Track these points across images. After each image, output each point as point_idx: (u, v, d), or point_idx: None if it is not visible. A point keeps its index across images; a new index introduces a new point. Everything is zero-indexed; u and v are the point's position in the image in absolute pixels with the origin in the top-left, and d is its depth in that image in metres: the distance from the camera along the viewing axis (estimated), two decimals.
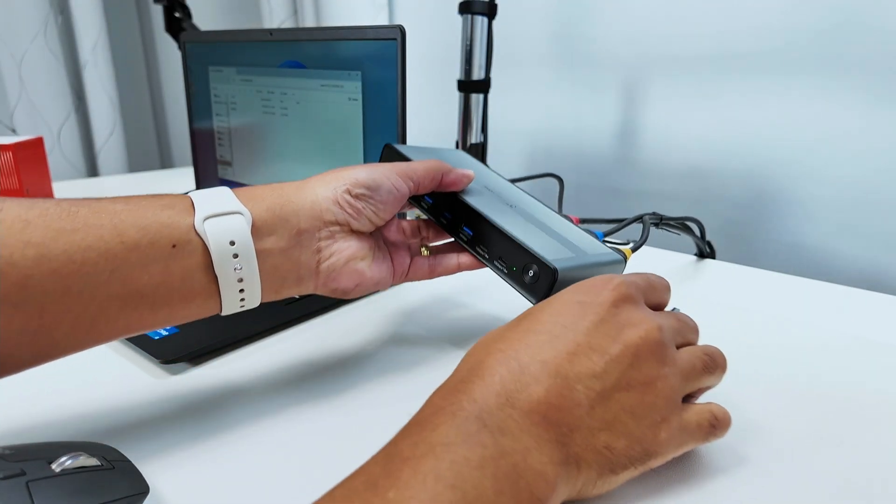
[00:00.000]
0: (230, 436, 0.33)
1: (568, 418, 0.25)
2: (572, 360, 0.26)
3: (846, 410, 0.36)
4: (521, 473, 0.23)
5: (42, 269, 0.26)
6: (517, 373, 0.26)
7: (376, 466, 0.22)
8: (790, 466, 0.31)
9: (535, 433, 0.24)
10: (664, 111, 0.77)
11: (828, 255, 0.68)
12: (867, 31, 0.61)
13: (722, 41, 0.70)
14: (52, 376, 0.39)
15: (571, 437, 0.25)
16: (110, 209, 0.28)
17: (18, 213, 0.26)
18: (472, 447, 0.22)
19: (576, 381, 0.26)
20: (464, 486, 0.21)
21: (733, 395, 0.37)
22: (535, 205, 0.43)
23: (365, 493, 0.21)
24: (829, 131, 0.65)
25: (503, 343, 0.27)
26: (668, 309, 0.34)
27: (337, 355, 0.42)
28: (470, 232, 0.38)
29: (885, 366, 0.41)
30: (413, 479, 0.21)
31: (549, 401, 0.25)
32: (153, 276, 0.29)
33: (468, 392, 0.25)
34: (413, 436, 0.23)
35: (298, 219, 0.33)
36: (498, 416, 0.24)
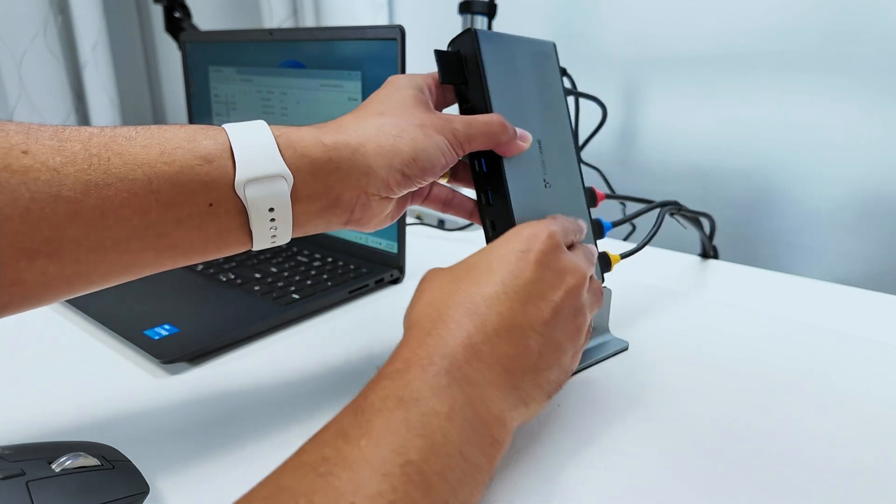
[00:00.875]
0: (230, 436, 0.33)
1: (522, 364, 0.28)
2: (525, 310, 0.29)
3: (847, 410, 0.36)
4: (483, 420, 0.25)
5: (75, 225, 0.25)
6: (479, 325, 0.28)
7: (346, 418, 0.24)
8: (791, 466, 0.31)
9: (496, 382, 0.27)
10: (664, 111, 0.77)
11: (828, 255, 0.68)
12: (867, 31, 0.61)
13: (722, 41, 0.70)
14: (53, 376, 0.39)
15: (523, 380, 0.28)
16: (143, 159, 0.26)
17: (45, 159, 0.24)
18: (441, 400, 0.24)
19: (529, 329, 0.29)
20: (433, 435, 0.23)
21: (734, 395, 0.37)
22: (572, 184, 0.40)
23: (335, 442, 0.22)
24: (829, 131, 0.65)
25: (460, 295, 0.29)
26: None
27: (337, 355, 0.42)
28: (490, 201, 0.36)
29: (885, 365, 0.41)
30: (384, 429, 0.22)
31: (508, 353, 0.28)
32: (188, 231, 0.28)
33: (436, 346, 0.26)
34: (384, 390, 0.24)
35: (342, 187, 0.31)
36: (465, 369, 0.26)
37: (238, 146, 0.28)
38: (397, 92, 0.34)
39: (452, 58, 0.36)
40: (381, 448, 0.22)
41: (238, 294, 0.51)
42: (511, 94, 0.36)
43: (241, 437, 0.33)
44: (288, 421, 0.35)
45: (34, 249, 0.24)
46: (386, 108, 0.33)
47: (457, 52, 0.36)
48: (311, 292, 0.50)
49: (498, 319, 0.28)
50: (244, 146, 0.28)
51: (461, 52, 0.36)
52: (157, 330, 0.43)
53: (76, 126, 0.26)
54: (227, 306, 0.48)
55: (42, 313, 0.49)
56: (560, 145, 0.39)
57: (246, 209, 0.28)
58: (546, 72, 0.39)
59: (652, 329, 0.46)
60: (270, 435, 0.33)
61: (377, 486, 0.21)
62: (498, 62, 0.36)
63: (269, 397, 0.37)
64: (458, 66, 0.36)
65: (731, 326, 0.47)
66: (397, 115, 0.32)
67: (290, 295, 0.50)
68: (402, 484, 0.21)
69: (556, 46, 0.41)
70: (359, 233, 0.60)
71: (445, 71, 0.36)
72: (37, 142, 0.24)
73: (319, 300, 0.50)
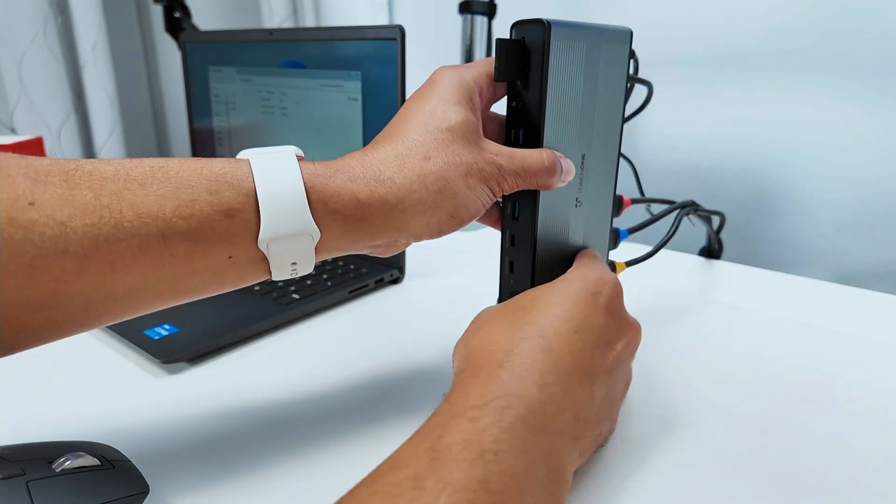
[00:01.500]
0: (230, 435, 0.33)
1: (587, 413, 0.27)
2: (593, 354, 0.27)
3: (847, 410, 0.36)
4: (553, 478, 0.24)
5: (83, 279, 0.23)
6: (553, 365, 0.26)
7: (421, 461, 0.22)
8: (792, 465, 0.31)
9: (566, 432, 0.25)
10: (664, 111, 0.77)
11: (828, 255, 0.68)
12: (867, 31, 0.61)
13: (722, 41, 0.70)
14: (52, 376, 0.39)
15: (584, 430, 0.26)
16: (157, 212, 0.24)
17: (52, 211, 0.23)
18: (519, 455, 0.23)
19: (595, 375, 0.27)
20: (508, 500, 0.21)
21: (734, 395, 0.37)
22: (603, 197, 0.37)
23: (412, 493, 0.20)
24: (829, 131, 0.65)
25: (531, 327, 0.27)
26: None
27: (337, 355, 0.42)
28: (517, 215, 0.34)
29: (885, 365, 0.41)
30: (464, 489, 0.21)
31: (578, 399, 0.26)
32: (204, 279, 0.27)
33: (511, 384, 0.25)
34: (462, 433, 0.23)
35: (371, 238, 0.29)
36: (540, 414, 0.24)
37: (264, 198, 0.26)
38: (445, 113, 0.29)
39: (517, 48, 0.31)
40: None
41: (238, 294, 0.51)
42: (569, 101, 0.33)
43: (240, 437, 0.33)
44: (288, 421, 0.35)
45: (40, 302, 0.23)
46: (432, 147, 0.29)
47: (521, 40, 0.31)
48: (311, 292, 0.50)
49: (571, 360, 0.26)
50: (271, 199, 0.26)
51: (526, 43, 0.31)
52: (157, 330, 0.43)
53: (88, 162, 0.24)
54: (227, 306, 0.48)
55: None
56: (604, 152, 0.36)
57: (267, 258, 0.27)
58: (613, 66, 0.35)
59: (652, 329, 0.46)
60: (270, 435, 0.33)
61: None
62: (564, 62, 0.31)
63: (269, 397, 0.37)
64: (521, 59, 0.31)
65: (731, 326, 0.47)
66: (443, 160, 0.29)
67: (290, 295, 0.50)
68: None
69: (632, 34, 0.36)
70: None
71: (506, 65, 0.31)
72: (44, 190, 0.23)
73: (319, 300, 0.50)
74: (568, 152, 0.33)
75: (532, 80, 0.31)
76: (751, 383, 0.38)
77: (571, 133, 0.33)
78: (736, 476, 0.30)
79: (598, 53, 0.33)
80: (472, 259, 0.62)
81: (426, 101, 0.30)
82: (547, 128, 0.32)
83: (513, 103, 0.32)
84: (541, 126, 0.31)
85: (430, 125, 0.29)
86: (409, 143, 0.29)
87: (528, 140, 0.32)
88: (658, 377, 0.39)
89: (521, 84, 0.32)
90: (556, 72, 0.31)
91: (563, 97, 0.32)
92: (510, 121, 0.33)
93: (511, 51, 0.31)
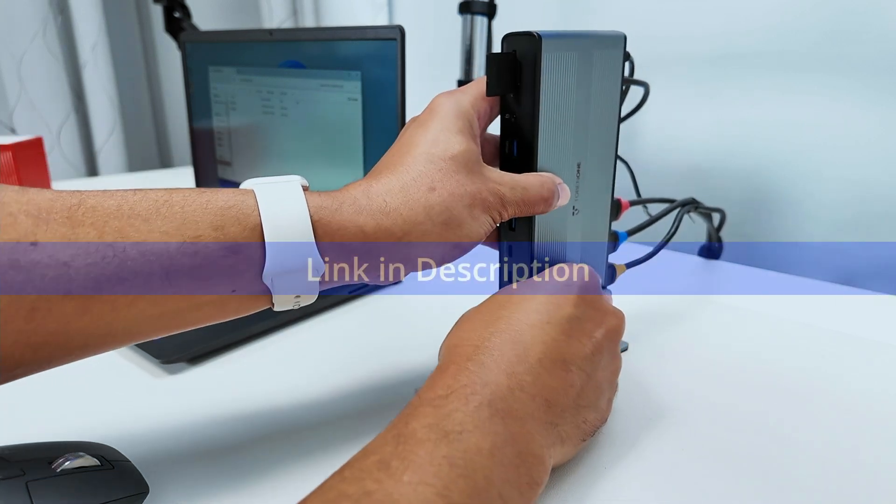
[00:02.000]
0: (230, 436, 0.33)
1: (563, 400, 0.27)
2: (569, 343, 0.28)
3: (847, 410, 0.36)
4: (524, 459, 0.24)
5: (84, 319, 0.23)
6: (523, 354, 0.27)
7: (388, 446, 0.22)
8: (791, 465, 0.31)
9: (538, 416, 0.26)
10: (664, 111, 0.77)
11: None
12: (867, 31, 0.61)
13: (722, 41, 0.70)
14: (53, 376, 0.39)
15: (563, 417, 0.27)
16: (161, 250, 0.24)
17: (55, 251, 0.22)
18: (485, 435, 0.23)
19: (571, 363, 0.28)
20: (475, 475, 0.22)
21: (733, 395, 0.37)
22: (601, 203, 0.37)
23: (378, 474, 0.21)
24: (829, 131, 0.65)
25: (503, 322, 0.28)
26: None
27: (337, 355, 0.42)
28: (513, 226, 0.34)
29: (885, 365, 0.41)
30: (428, 465, 0.21)
31: (551, 385, 0.27)
32: (206, 312, 0.27)
33: (478, 373, 0.26)
34: (427, 418, 0.23)
35: (376, 272, 0.29)
36: (508, 400, 0.25)
37: (271, 233, 0.26)
38: (448, 142, 0.29)
39: (508, 61, 0.31)
40: (425, 488, 0.21)
41: None
42: (562, 111, 0.32)
43: (240, 438, 0.33)
44: (288, 421, 0.35)
45: (40, 343, 0.23)
46: (436, 178, 0.29)
47: (513, 53, 0.31)
48: None
49: (542, 349, 0.27)
50: (277, 233, 0.26)
51: (518, 56, 0.31)
52: None
53: (91, 195, 0.24)
54: None
55: None
56: (600, 158, 0.36)
57: (271, 290, 0.27)
58: (607, 72, 0.35)
59: (651, 329, 0.46)
60: (270, 435, 0.33)
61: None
62: (556, 73, 0.31)
63: (269, 397, 0.37)
64: (513, 72, 0.31)
65: (731, 326, 0.47)
66: (448, 191, 0.28)
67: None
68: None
69: (625, 39, 0.35)
70: None
71: (498, 80, 0.31)
72: (47, 229, 0.22)
73: (319, 300, 0.49)
74: (563, 162, 0.33)
75: (524, 93, 0.31)
76: (750, 383, 0.38)
77: (566, 143, 0.33)
78: (735, 476, 0.30)
79: (590, 61, 0.33)
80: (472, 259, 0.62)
81: (427, 129, 0.30)
82: (541, 140, 0.32)
83: (506, 116, 0.32)
84: (534, 139, 0.31)
85: (434, 155, 0.29)
86: (413, 173, 0.29)
87: (522, 152, 0.32)
88: (658, 377, 0.39)
89: (514, 97, 0.32)
90: (548, 84, 0.31)
91: (557, 108, 0.32)
92: (504, 133, 0.33)
93: (502, 64, 0.31)
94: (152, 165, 1.54)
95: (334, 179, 0.61)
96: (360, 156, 0.57)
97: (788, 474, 0.30)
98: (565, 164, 0.34)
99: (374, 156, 0.56)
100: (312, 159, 0.62)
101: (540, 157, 0.32)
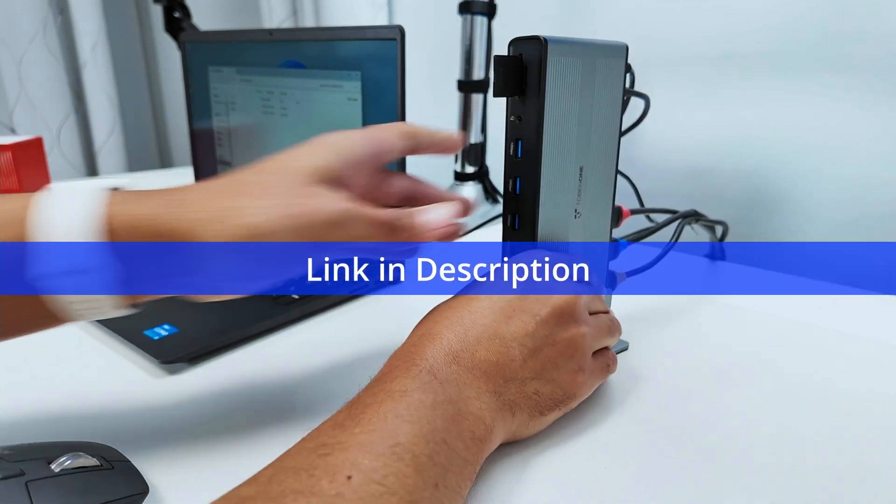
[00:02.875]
0: (230, 435, 0.33)
1: (504, 372, 0.29)
2: (509, 322, 0.30)
3: (846, 410, 0.36)
4: (464, 416, 0.27)
5: None
6: (461, 335, 0.29)
7: (341, 413, 0.26)
8: (791, 466, 0.31)
9: (475, 385, 0.28)
10: (664, 111, 0.77)
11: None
12: (867, 31, 0.61)
13: (722, 41, 0.70)
14: (52, 376, 0.39)
15: (506, 387, 0.29)
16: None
17: None
18: (426, 392, 0.26)
19: (511, 340, 0.30)
20: (420, 421, 0.24)
21: (733, 395, 0.37)
22: (602, 208, 0.38)
23: (332, 431, 0.24)
24: (828, 131, 0.65)
25: (449, 311, 0.31)
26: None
27: (336, 355, 0.42)
28: (517, 226, 0.35)
29: (885, 365, 0.41)
30: (375, 418, 0.24)
31: (488, 359, 0.29)
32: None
33: (420, 353, 0.28)
34: (373, 388, 0.27)
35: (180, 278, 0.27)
36: (445, 371, 0.28)
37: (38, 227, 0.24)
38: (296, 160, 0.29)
39: (515, 64, 0.32)
40: (373, 434, 0.23)
41: None
42: (566, 115, 0.33)
43: (240, 437, 0.33)
44: (287, 421, 0.35)
45: None
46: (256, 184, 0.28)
47: (519, 57, 0.32)
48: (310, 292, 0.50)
49: (480, 330, 0.30)
50: (48, 227, 0.24)
51: (524, 59, 0.32)
52: (156, 330, 0.43)
53: None
54: (227, 306, 0.48)
55: None
56: (602, 164, 0.37)
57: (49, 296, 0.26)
58: (609, 80, 0.36)
59: (651, 329, 0.46)
60: (270, 435, 0.33)
61: (370, 463, 0.22)
62: (561, 77, 0.32)
63: (269, 397, 0.37)
64: (518, 75, 0.32)
65: (731, 326, 0.47)
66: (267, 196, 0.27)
67: (289, 295, 0.50)
68: (394, 462, 0.23)
69: (627, 49, 0.36)
70: None
71: (504, 82, 0.32)
72: None
73: (319, 300, 0.49)
74: (565, 164, 0.34)
75: (530, 94, 0.32)
76: (750, 383, 0.38)
77: (569, 146, 0.34)
78: (735, 476, 0.30)
79: (594, 68, 0.34)
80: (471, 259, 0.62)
81: (290, 150, 0.30)
82: (545, 141, 0.33)
83: (511, 118, 0.34)
84: (539, 139, 0.33)
85: (273, 168, 0.29)
86: (230, 179, 0.28)
87: (527, 152, 0.34)
88: (658, 377, 0.39)
89: (520, 99, 0.33)
90: (552, 87, 0.32)
91: (560, 111, 0.33)
92: (509, 134, 0.34)
93: (509, 67, 0.32)
94: (152, 165, 1.54)
95: None
96: None
97: (788, 474, 0.30)
98: (568, 167, 0.35)
99: None
100: None
101: (544, 157, 0.33)
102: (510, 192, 0.35)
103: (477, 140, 0.80)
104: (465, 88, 0.78)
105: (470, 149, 0.80)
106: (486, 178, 0.83)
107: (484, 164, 0.82)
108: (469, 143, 0.80)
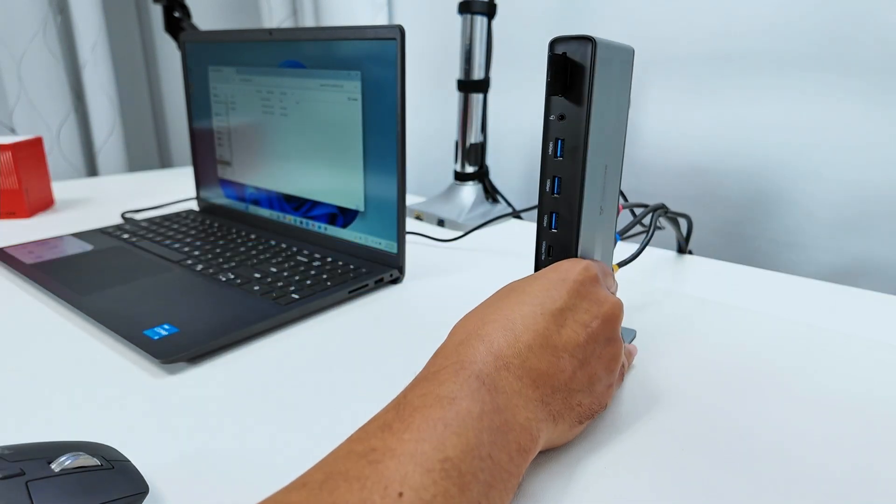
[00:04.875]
0: (230, 436, 0.33)
1: (553, 381, 0.29)
2: (560, 332, 0.30)
3: (846, 410, 0.36)
4: (511, 427, 0.26)
5: None
6: (512, 341, 0.29)
7: (389, 413, 0.25)
8: (787, 465, 0.31)
9: (524, 394, 0.28)
10: (664, 111, 0.77)
11: (827, 255, 0.68)
12: (867, 31, 0.61)
13: (722, 41, 0.70)
14: (52, 376, 0.39)
15: (553, 397, 0.29)
16: None
17: None
18: (474, 401, 0.25)
19: (563, 350, 0.30)
20: (467, 434, 0.24)
21: (731, 395, 0.37)
22: (614, 203, 0.39)
23: (381, 434, 0.24)
24: (828, 131, 0.65)
25: (498, 313, 0.30)
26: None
27: (336, 355, 0.42)
28: (555, 226, 0.35)
29: (884, 365, 0.41)
30: (424, 425, 0.24)
31: (538, 367, 0.29)
32: None
33: (469, 355, 0.28)
34: (421, 388, 0.26)
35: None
36: (494, 377, 0.27)
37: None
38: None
39: (564, 62, 0.33)
40: (422, 444, 0.23)
41: (238, 294, 0.51)
42: (602, 114, 0.34)
43: (240, 437, 0.33)
44: (287, 421, 0.35)
45: None
46: None
47: (563, 55, 0.33)
48: (310, 292, 0.50)
49: (532, 337, 0.29)
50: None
51: (568, 58, 0.33)
52: (156, 330, 0.43)
53: None
54: (227, 306, 0.48)
55: (42, 313, 0.49)
56: (616, 161, 0.38)
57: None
58: (623, 81, 0.37)
59: (649, 328, 0.46)
60: (270, 435, 0.33)
61: (420, 480, 0.22)
62: (603, 77, 0.33)
63: (269, 397, 0.37)
64: (566, 73, 0.33)
65: (731, 326, 0.47)
66: None
67: (289, 295, 0.50)
68: (442, 479, 0.22)
69: (633, 52, 0.38)
70: (359, 232, 0.60)
71: (562, 81, 0.33)
72: None
73: (319, 300, 0.49)
74: (597, 162, 0.35)
75: (576, 93, 0.33)
76: (750, 382, 0.38)
77: (601, 144, 0.35)
78: (736, 475, 0.30)
79: (617, 69, 0.35)
80: (472, 259, 0.62)
81: None
82: (591, 140, 0.33)
83: (551, 116, 0.34)
84: (585, 138, 0.33)
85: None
86: None
87: (569, 151, 0.34)
88: (657, 377, 0.39)
89: (566, 97, 0.33)
90: (598, 86, 0.33)
91: (599, 110, 0.34)
92: (549, 133, 0.34)
93: (559, 65, 0.33)
94: (152, 165, 1.54)
95: (334, 179, 0.61)
96: (360, 155, 0.57)
97: (788, 473, 0.30)
98: (598, 165, 0.35)
99: (374, 155, 0.56)
100: (312, 159, 0.62)
101: (589, 156, 0.33)
102: (548, 191, 0.35)
103: (477, 140, 0.80)
104: (465, 88, 0.78)
105: (470, 149, 0.80)
106: (486, 177, 0.83)
107: (484, 164, 0.82)
108: (469, 143, 0.80)
